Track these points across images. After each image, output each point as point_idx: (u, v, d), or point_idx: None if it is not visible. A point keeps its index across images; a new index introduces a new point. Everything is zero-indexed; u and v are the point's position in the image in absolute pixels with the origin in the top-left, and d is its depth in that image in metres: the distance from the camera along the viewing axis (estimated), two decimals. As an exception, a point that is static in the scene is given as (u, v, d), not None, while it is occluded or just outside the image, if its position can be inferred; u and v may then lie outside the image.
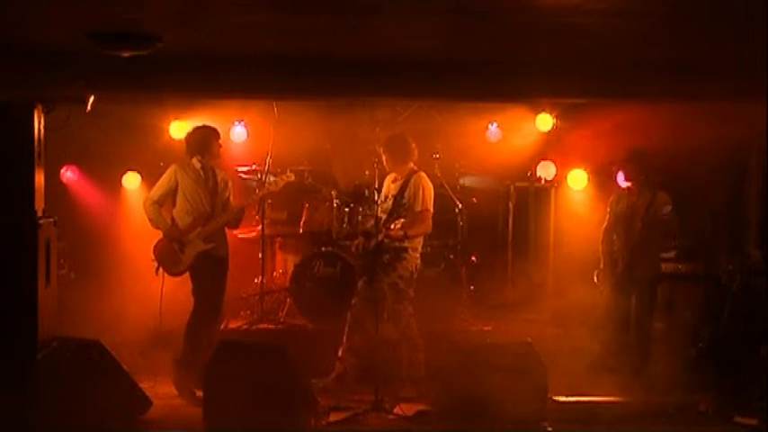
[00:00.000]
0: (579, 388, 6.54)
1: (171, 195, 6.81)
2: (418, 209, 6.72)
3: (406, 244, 6.69)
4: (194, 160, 6.83)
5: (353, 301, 6.87)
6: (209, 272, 6.74)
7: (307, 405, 5.87)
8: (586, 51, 5.81)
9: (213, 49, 5.83)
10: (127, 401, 6.08)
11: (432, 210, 6.83)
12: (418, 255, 6.82)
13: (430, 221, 6.81)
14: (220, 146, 6.95)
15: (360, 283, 6.88)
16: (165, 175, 6.85)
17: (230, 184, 7.07)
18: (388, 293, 6.67)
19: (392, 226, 6.73)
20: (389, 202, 6.84)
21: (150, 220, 6.79)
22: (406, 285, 6.74)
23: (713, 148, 7.46)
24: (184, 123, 7.92)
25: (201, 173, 6.84)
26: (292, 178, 7.16)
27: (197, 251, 6.71)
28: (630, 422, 6.06)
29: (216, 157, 6.92)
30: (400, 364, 6.67)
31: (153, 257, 6.74)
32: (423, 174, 6.87)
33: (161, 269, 6.72)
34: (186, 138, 6.99)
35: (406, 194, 6.77)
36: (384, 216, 6.81)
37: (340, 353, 6.82)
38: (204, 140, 6.84)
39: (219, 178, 6.94)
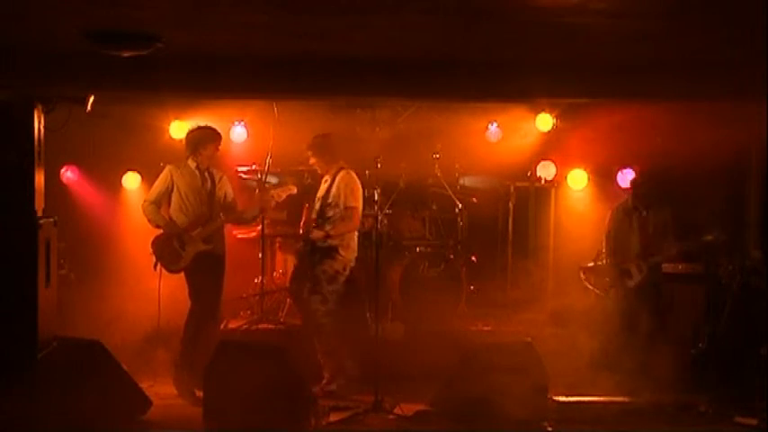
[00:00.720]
0: (579, 388, 6.55)
1: (167, 196, 6.82)
2: (342, 207, 6.78)
3: (335, 242, 6.74)
4: (189, 161, 6.84)
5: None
6: (207, 272, 6.74)
7: (307, 405, 5.87)
8: (586, 51, 5.81)
9: (213, 49, 5.83)
10: (127, 401, 6.08)
11: (359, 206, 6.86)
12: (348, 253, 6.81)
13: (357, 219, 6.85)
14: (216, 148, 6.89)
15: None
16: (160, 177, 6.87)
17: (229, 185, 7.04)
18: (307, 287, 6.74)
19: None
20: (318, 203, 6.90)
21: (150, 220, 6.81)
22: (328, 283, 6.75)
23: (713, 148, 7.45)
24: (184, 123, 7.92)
25: (197, 173, 6.84)
26: (294, 191, 7.17)
27: (197, 251, 6.71)
28: (630, 422, 6.06)
29: (208, 159, 6.87)
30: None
31: (151, 251, 6.73)
32: (350, 171, 6.92)
33: (159, 265, 6.71)
34: (185, 137, 7.02)
35: (332, 193, 6.83)
36: (314, 217, 6.89)
37: (320, 359, 6.83)
38: (197, 141, 6.83)
39: (218, 179, 6.92)
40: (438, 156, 8.24)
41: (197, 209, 6.78)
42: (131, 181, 8.49)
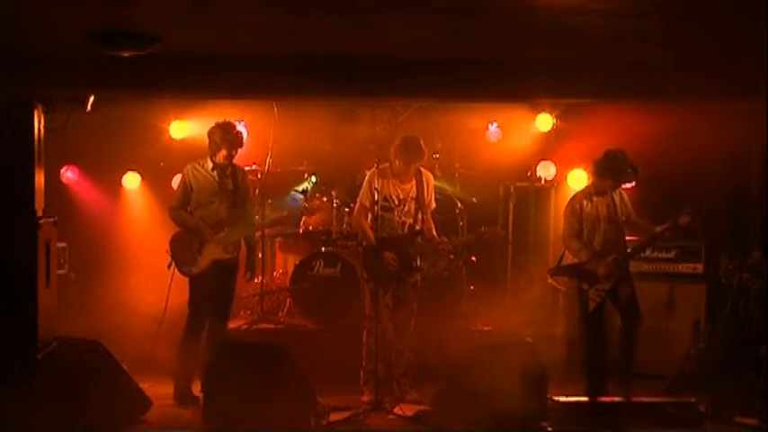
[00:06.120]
0: (579, 388, 6.55)
1: (188, 198, 6.61)
2: (432, 206, 6.81)
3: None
4: (206, 160, 6.62)
5: (373, 314, 6.50)
6: (220, 280, 6.57)
7: (307, 405, 5.87)
8: (586, 51, 5.81)
9: (213, 49, 5.82)
10: (127, 401, 6.08)
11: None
12: None
13: None
14: (233, 148, 6.53)
15: (374, 293, 6.53)
16: (180, 179, 6.71)
17: (250, 186, 6.84)
18: (412, 293, 6.64)
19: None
20: (407, 206, 6.65)
21: (179, 225, 6.60)
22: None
23: (713, 147, 7.46)
24: (184, 123, 7.94)
25: (215, 173, 6.58)
26: (285, 213, 7.26)
27: (214, 258, 6.52)
28: (630, 422, 6.06)
29: (227, 158, 6.54)
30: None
31: (167, 250, 6.57)
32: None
33: (173, 266, 6.55)
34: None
35: (424, 194, 6.69)
36: (409, 220, 6.68)
37: (362, 378, 6.61)
38: (211, 140, 6.56)
39: (240, 178, 6.66)
40: (438, 156, 8.23)
41: (213, 212, 6.55)
42: (131, 181, 8.48)
